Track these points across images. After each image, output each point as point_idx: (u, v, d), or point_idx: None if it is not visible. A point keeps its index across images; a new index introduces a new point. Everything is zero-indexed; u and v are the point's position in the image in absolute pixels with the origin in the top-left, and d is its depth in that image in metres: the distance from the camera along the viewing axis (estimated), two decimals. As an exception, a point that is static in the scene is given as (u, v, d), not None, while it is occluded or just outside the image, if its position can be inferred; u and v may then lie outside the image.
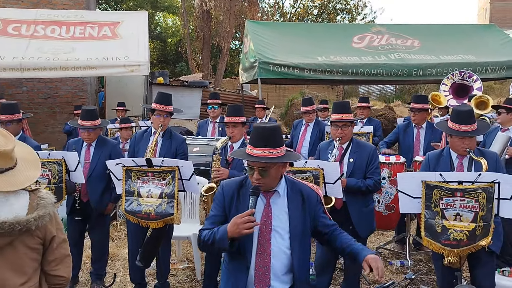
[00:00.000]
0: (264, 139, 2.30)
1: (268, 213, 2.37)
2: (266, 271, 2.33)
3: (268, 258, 2.33)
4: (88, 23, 9.73)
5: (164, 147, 4.21)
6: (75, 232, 4.44)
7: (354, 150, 3.80)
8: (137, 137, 4.39)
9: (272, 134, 2.33)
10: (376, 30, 11.79)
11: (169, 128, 4.34)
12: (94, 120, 4.33)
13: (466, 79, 8.59)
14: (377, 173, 3.77)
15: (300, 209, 2.39)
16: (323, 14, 28.18)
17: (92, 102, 12.97)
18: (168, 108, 4.24)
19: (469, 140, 3.31)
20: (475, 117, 3.48)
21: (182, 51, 25.28)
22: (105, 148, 4.38)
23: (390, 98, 20.71)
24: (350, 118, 3.79)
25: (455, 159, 3.41)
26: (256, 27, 11.56)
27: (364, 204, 3.77)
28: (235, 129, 4.07)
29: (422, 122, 5.33)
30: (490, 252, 3.18)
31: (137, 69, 8.56)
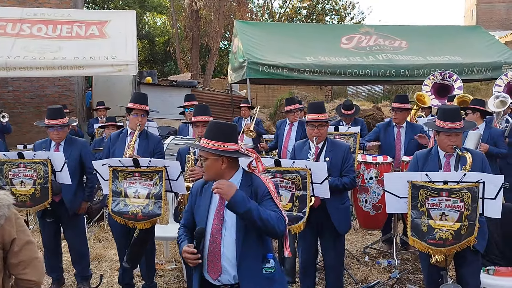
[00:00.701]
0: (208, 131, 2.50)
1: (221, 205, 2.50)
2: (216, 259, 2.48)
3: (219, 247, 2.47)
4: (75, 22, 9.63)
5: (142, 147, 4.20)
6: (49, 234, 4.40)
7: (330, 149, 3.88)
8: (112, 138, 4.34)
9: (214, 127, 2.50)
10: (364, 31, 11.87)
11: (144, 129, 4.33)
12: (62, 119, 4.31)
13: (446, 79, 8.71)
14: (352, 171, 3.87)
15: None
16: (312, 14, 28.26)
17: (79, 102, 12.85)
18: (145, 107, 4.23)
19: (455, 138, 3.36)
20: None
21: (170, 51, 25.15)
22: (74, 147, 4.37)
23: (378, 98, 20.83)
24: (325, 118, 3.89)
25: (442, 157, 3.45)
26: (245, 27, 11.56)
27: (340, 201, 3.84)
28: (204, 128, 4.03)
29: (403, 121, 5.41)
30: (476, 252, 3.23)
31: (125, 69, 8.50)
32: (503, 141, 5.35)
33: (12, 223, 1.99)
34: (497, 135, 5.29)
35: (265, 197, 2.49)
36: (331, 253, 3.86)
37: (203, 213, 2.54)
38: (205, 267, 2.52)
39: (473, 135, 4.63)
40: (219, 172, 2.49)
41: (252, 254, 2.48)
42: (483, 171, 3.18)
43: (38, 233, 5.69)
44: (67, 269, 4.83)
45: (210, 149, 2.45)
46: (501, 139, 5.32)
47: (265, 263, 2.51)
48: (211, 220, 2.51)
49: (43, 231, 4.44)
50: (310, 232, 3.83)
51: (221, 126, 2.52)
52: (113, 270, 4.94)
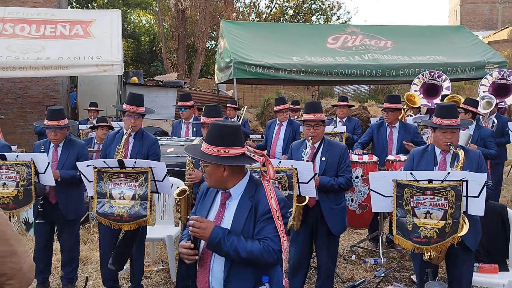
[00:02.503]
0: (208, 135, 2.26)
1: (220, 214, 2.33)
2: (205, 272, 2.30)
3: (209, 259, 2.29)
4: (59, 21, 9.52)
5: (136, 148, 4.16)
6: (43, 236, 4.34)
7: (326, 149, 3.87)
8: (109, 139, 4.32)
9: (214, 130, 2.24)
10: (350, 30, 11.94)
11: (141, 129, 4.29)
12: (61, 120, 4.24)
13: (435, 79, 8.82)
14: (349, 171, 3.84)
15: (245, 216, 2.26)
16: (298, 14, 28.35)
17: (64, 102, 12.69)
18: (139, 109, 4.19)
19: (451, 135, 3.36)
20: None
21: (157, 51, 25.02)
22: (72, 149, 4.31)
23: (365, 98, 20.99)
24: (322, 118, 3.88)
25: (438, 154, 3.46)
26: (231, 27, 11.55)
27: (336, 201, 3.83)
28: None
29: (395, 121, 5.42)
30: (468, 250, 3.25)
31: (110, 69, 8.43)
32: (493, 141, 5.37)
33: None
34: (486, 136, 5.32)
35: (264, 217, 2.23)
36: (324, 253, 3.85)
37: (202, 214, 2.37)
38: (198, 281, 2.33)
39: (463, 135, 4.65)
40: (222, 180, 2.26)
41: (243, 274, 2.23)
42: (479, 170, 3.18)
43: (23, 237, 5.62)
44: (52, 271, 4.76)
45: (209, 155, 2.21)
46: (490, 139, 5.34)
47: (258, 287, 2.21)
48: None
49: (36, 233, 4.38)
50: (304, 232, 3.82)
51: (222, 128, 2.23)
52: (99, 272, 4.87)
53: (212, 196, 2.40)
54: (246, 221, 2.25)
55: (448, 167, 3.35)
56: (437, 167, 3.41)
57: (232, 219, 2.27)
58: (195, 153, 2.28)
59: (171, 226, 5.04)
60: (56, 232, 4.48)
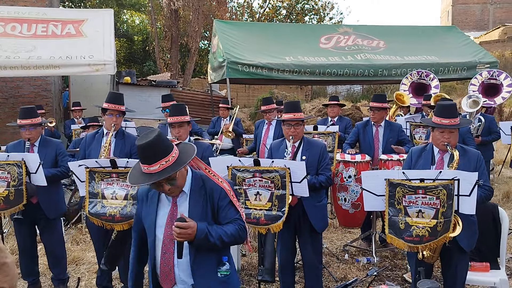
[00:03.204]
0: (149, 156, 2.22)
1: (173, 213, 2.38)
2: (170, 269, 2.37)
3: (172, 257, 2.36)
4: (51, 20, 9.45)
5: (118, 147, 4.14)
6: (24, 237, 4.30)
7: (306, 148, 3.91)
8: (88, 139, 4.26)
9: (152, 148, 2.22)
10: (343, 31, 11.98)
11: (121, 128, 4.27)
12: (34, 118, 4.22)
13: (424, 78, 8.89)
14: (328, 169, 3.90)
15: (200, 204, 2.37)
16: (291, 14, 28.38)
17: (56, 102, 12.62)
18: (120, 107, 4.17)
19: (449, 135, 3.34)
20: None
21: (149, 50, 24.92)
22: (50, 147, 4.29)
23: (357, 98, 21.06)
24: (301, 117, 3.91)
25: (436, 153, 3.45)
26: (224, 26, 11.54)
27: (317, 199, 3.86)
28: (181, 129, 3.95)
29: (381, 120, 5.46)
30: (463, 250, 3.27)
31: (102, 68, 8.38)
32: (471, 137, 5.43)
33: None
34: (464, 132, 5.36)
35: (224, 202, 2.38)
36: (309, 251, 3.89)
37: (151, 223, 2.41)
38: (159, 278, 2.43)
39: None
40: (182, 183, 2.35)
41: (207, 259, 2.38)
42: (477, 170, 3.17)
43: (13, 236, 5.57)
44: (43, 272, 4.73)
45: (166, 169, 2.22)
46: (469, 135, 5.39)
47: (220, 267, 2.42)
48: (161, 229, 2.38)
49: (18, 234, 4.33)
50: (287, 231, 3.84)
51: (152, 144, 2.21)
52: (91, 273, 4.86)
53: (155, 199, 2.43)
54: (202, 211, 2.36)
55: (445, 167, 3.35)
56: (434, 166, 3.41)
57: (188, 214, 2.35)
58: (151, 177, 2.22)
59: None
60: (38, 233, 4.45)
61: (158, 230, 2.40)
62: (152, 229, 2.41)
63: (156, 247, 2.41)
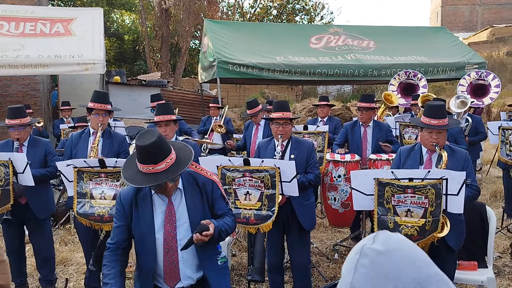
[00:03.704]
0: (152, 155, 2.26)
1: (171, 211, 2.42)
2: (175, 267, 2.41)
3: (176, 254, 2.40)
4: (39, 19, 9.35)
5: (106, 147, 4.12)
6: (12, 237, 4.25)
7: (294, 146, 3.92)
8: (74, 139, 4.22)
9: (156, 148, 2.26)
10: (333, 31, 12.01)
11: (107, 128, 4.25)
12: (23, 118, 4.17)
13: (411, 78, 8.95)
14: (316, 168, 3.91)
15: (198, 199, 2.46)
16: (282, 14, 28.41)
17: (45, 102, 12.49)
18: (106, 106, 4.14)
19: (437, 135, 3.36)
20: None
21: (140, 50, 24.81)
22: (39, 147, 4.25)
23: (348, 98, 21.15)
24: (290, 116, 3.92)
25: (425, 153, 3.48)
26: (215, 26, 11.51)
27: (305, 198, 3.87)
28: (168, 127, 3.96)
29: (369, 120, 5.49)
30: (451, 249, 3.29)
31: (92, 68, 8.31)
32: (462, 137, 5.49)
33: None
34: (456, 132, 5.41)
35: (216, 193, 2.50)
36: (297, 250, 3.89)
37: (149, 225, 2.40)
38: (160, 278, 2.45)
39: None
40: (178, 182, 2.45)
41: (211, 251, 2.49)
42: (464, 169, 3.19)
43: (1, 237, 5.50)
44: (31, 273, 4.68)
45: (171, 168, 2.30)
46: (460, 135, 5.45)
47: (217, 255, 2.53)
48: (160, 229, 2.41)
49: (7, 235, 4.28)
50: (276, 230, 3.83)
51: (155, 144, 2.27)
52: (79, 274, 4.82)
53: (148, 201, 2.43)
54: (201, 206, 2.45)
55: (433, 167, 3.36)
56: (422, 166, 3.43)
57: (186, 209, 2.42)
58: (159, 177, 2.26)
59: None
60: (27, 233, 4.40)
61: (157, 231, 2.40)
62: (151, 232, 2.39)
63: (156, 249, 2.40)
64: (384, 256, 0.86)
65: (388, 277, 0.83)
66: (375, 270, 0.85)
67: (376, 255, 0.86)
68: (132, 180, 2.31)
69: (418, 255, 0.88)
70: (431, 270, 0.86)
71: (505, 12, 39.64)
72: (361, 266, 0.86)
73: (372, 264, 0.86)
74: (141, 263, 2.49)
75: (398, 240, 0.90)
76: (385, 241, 0.89)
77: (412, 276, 0.83)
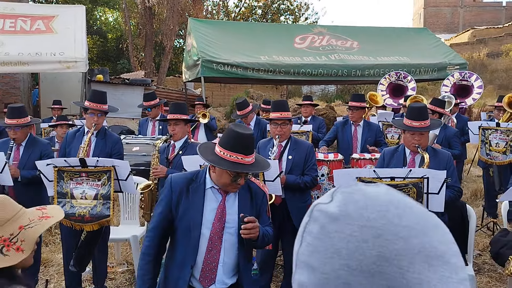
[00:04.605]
0: (246, 146, 2.32)
1: (223, 211, 2.36)
2: (214, 267, 2.34)
3: (218, 255, 2.33)
4: (19, 16, 9.18)
5: (98, 147, 4.06)
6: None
7: (293, 147, 3.89)
8: (69, 137, 4.18)
9: (253, 140, 2.39)
10: (317, 31, 12.06)
11: (103, 127, 4.19)
12: (21, 118, 4.08)
13: (401, 80, 9.03)
14: (314, 170, 3.89)
15: (249, 206, 2.41)
16: (267, 14, 28.43)
17: (25, 100, 12.28)
18: (102, 106, 4.09)
19: (419, 137, 3.39)
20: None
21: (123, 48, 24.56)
22: (35, 148, 4.17)
23: (332, 98, 21.27)
24: (288, 117, 3.90)
25: (408, 155, 3.51)
26: (199, 25, 11.46)
27: (302, 200, 3.85)
28: (177, 126, 3.98)
29: (360, 120, 5.52)
30: None
31: (73, 66, 8.20)
32: (457, 141, 5.51)
33: None
34: (451, 136, 5.43)
35: (265, 206, 2.48)
36: (291, 251, 3.86)
37: (197, 218, 2.32)
38: (196, 275, 2.35)
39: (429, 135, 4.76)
40: None
41: (247, 259, 2.43)
42: (447, 170, 3.23)
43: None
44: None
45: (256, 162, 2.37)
46: (455, 139, 5.47)
47: (252, 266, 2.50)
48: (209, 224, 2.33)
49: None
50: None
51: (252, 138, 2.39)
52: (60, 275, 4.74)
53: (200, 194, 2.36)
54: (250, 213, 2.39)
55: (416, 167, 3.40)
56: (406, 167, 3.46)
57: (237, 210, 2.38)
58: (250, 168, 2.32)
59: (136, 226, 4.95)
60: None
61: (204, 226, 2.32)
62: (198, 226, 2.31)
63: (200, 245, 2.32)
64: (337, 224, 0.63)
65: (340, 254, 0.62)
66: (324, 242, 0.64)
67: (328, 222, 0.64)
68: (220, 163, 2.26)
69: (389, 220, 0.62)
70: (411, 242, 0.61)
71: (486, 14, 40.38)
72: (308, 234, 0.66)
73: (321, 233, 0.64)
74: (178, 256, 2.36)
75: (365, 198, 0.64)
76: (343, 201, 0.65)
77: (376, 254, 0.61)
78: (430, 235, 0.63)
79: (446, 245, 0.64)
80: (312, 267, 0.64)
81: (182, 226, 2.34)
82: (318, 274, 0.63)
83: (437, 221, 0.66)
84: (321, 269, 0.63)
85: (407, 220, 0.63)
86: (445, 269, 0.62)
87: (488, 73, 22.34)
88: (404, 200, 0.66)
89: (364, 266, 0.60)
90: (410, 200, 0.67)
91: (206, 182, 2.37)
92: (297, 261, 0.67)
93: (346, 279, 0.61)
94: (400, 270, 0.60)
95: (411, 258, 0.61)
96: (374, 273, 0.60)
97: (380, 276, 0.60)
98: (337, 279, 0.62)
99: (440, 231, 0.65)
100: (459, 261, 0.64)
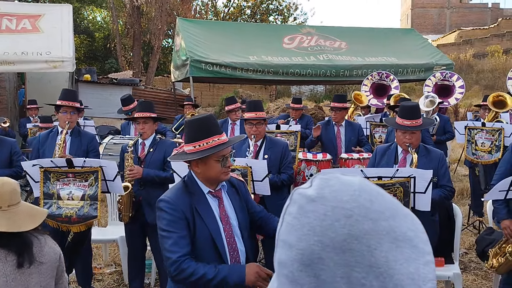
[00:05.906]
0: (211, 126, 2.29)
1: (223, 212, 2.31)
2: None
3: (237, 253, 2.31)
4: (4, 14, 9.05)
5: (74, 145, 4.03)
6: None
7: (268, 146, 3.94)
8: (42, 138, 4.13)
9: (215, 119, 2.38)
10: (306, 31, 12.10)
11: (76, 127, 4.16)
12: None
13: (384, 79, 9.10)
14: (290, 168, 3.95)
15: (238, 200, 2.39)
16: (256, 14, 28.44)
17: (11, 100, 12.12)
18: (74, 103, 4.07)
19: (410, 135, 3.41)
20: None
21: (111, 47, 24.36)
22: (4, 147, 4.15)
23: (320, 98, 21.34)
24: (263, 116, 3.94)
25: (400, 153, 3.54)
26: (188, 25, 11.43)
27: (279, 197, 3.86)
28: (146, 125, 3.94)
29: (342, 120, 5.59)
30: None
31: (60, 65, 8.10)
32: (429, 136, 5.61)
33: None
34: (422, 131, 5.53)
35: (247, 193, 2.49)
36: (271, 250, 3.89)
37: (216, 226, 2.23)
38: None
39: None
40: None
41: (253, 249, 2.52)
42: (438, 170, 3.26)
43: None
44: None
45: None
46: (426, 134, 5.57)
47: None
48: (222, 229, 2.26)
49: None
50: None
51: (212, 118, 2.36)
52: (47, 277, 4.69)
53: (206, 203, 2.26)
54: (242, 205, 2.37)
55: (407, 166, 3.43)
56: (397, 165, 3.49)
57: (233, 209, 2.32)
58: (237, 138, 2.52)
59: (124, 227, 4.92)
60: None
61: (220, 230, 2.25)
62: (219, 234, 2.23)
63: (224, 250, 2.26)
64: (313, 204, 0.69)
65: (315, 231, 0.67)
66: (300, 221, 0.69)
67: (305, 202, 0.70)
68: (204, 153, 2.19)
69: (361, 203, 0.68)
70: (380, 224, 0.66)
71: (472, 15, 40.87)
72: (288, 214, 0.72)
73: (299, 212, 0.70)
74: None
75: (340, 183, 0.70)
76: (320, 185, 0.71)
77: (347, 232, 0.65)
78: (398, 221, 0.68)
79: (415, 232, 0.68)
80: (289, 244, 0.69)
81: (203, 240, 2.21)
82: (295, 250, 0.68)
83: (407, 212, 0.71)
84: (297, 245, 0.68)
85: (378, 205, 0.68)
86: (412, 251, 0.66)
87: (474, 73, 22.61)
88: (377, 189, 0.71)
89: (336, 243, 0.66)
90: (383, 191, 0.72)
91: (201, 188, 2.28)
92: (278, 241, 0.72)
93: (319, 255, 0.66)
94: (369, 248, 0.65)
95: (379, 238, 0.66)
96: (345, 250, 0.65)
97: (350, 253, 0.65)
98: (311, 254, 0.67)
99: (409, 220, 0.69)
100: (427, 248, 0.68)
